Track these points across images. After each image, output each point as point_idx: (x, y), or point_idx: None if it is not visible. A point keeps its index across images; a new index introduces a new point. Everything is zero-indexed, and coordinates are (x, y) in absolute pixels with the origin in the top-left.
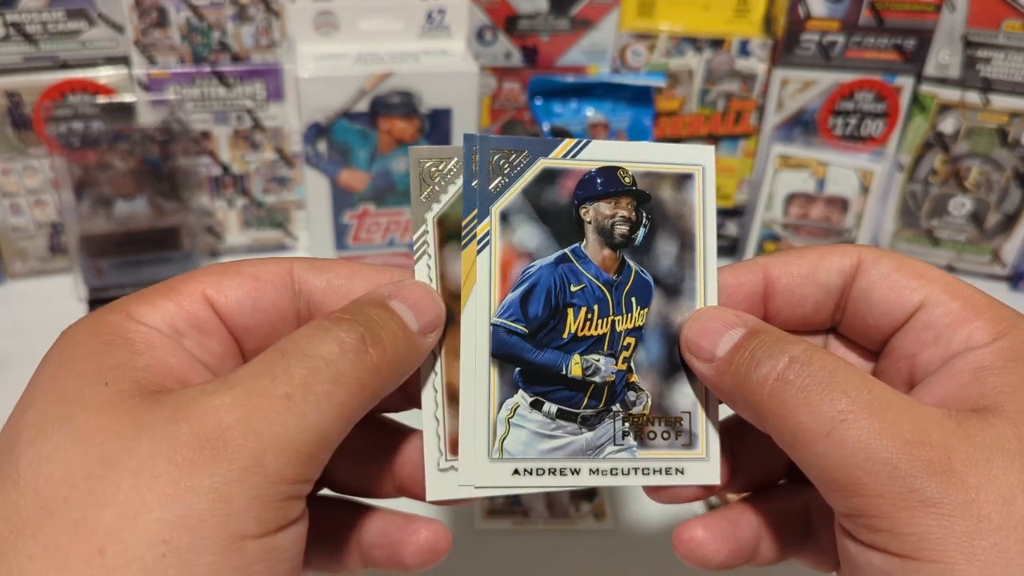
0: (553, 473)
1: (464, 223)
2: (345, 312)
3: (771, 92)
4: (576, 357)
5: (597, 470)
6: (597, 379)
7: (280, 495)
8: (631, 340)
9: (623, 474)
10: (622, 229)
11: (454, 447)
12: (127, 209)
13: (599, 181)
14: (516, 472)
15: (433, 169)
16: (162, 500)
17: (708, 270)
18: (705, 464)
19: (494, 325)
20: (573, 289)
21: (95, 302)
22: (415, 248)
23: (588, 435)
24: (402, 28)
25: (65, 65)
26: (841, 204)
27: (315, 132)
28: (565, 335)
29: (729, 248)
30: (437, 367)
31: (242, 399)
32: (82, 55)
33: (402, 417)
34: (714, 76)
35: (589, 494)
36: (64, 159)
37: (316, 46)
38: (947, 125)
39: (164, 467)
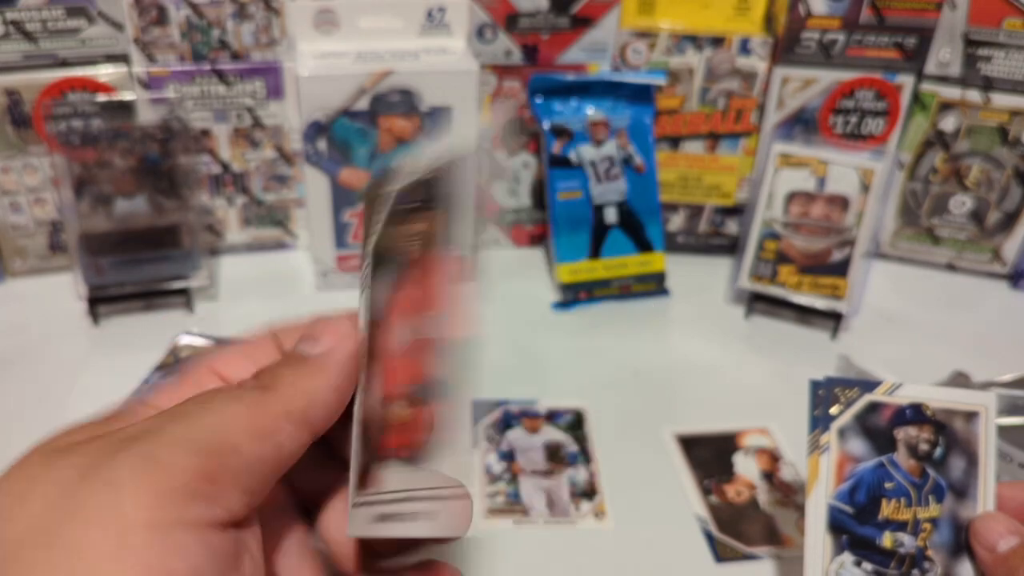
0: None
1: (811, 437)
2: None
3: (772, 90)
4: (888, 533)
5: None
6: (902, 550)
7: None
8: (928, 526)
9: None
10: (925, 447)
11: (362, 481)
12: (127, 207)
13: (909, 412)
14: None
15: (376, 202)
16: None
17: (988, 482)
18: None
19: (830, 505)
20: (887, 486)
21: (95, 300)
22: (360, 283)
23: None
24: (402, 26)
25: (65, 63)
26: (842, 202)
27: (315, 130)
28: (880, 517)
29: (729, 246)
30: (356, 403)
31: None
32: (82, 53)
33: None
34: (715, 74)
35: (589, 493)
36: (64, 157)
37: (316, 44)
38: (948, 123)
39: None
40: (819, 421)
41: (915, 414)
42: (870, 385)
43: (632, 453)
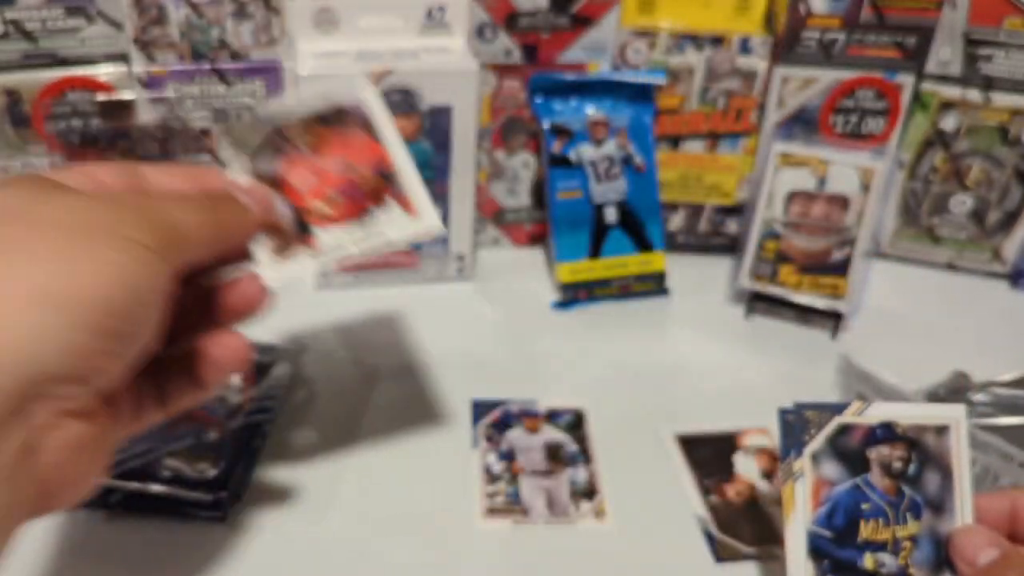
0: None
1: (783, 465)
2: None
3: (772, 90)
4: (868, 555)
5: None
6: (884, 571)
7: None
8: (908, 544)
9: None
10: (898, 465)
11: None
12: None
13: (879, 432)
14: None
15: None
16: None
17: (965, 495)
18: None
19: (809, 531)
20: (864, 507)
21: None
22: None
23: None
24: (402, 25)
25: (64, 62)
26: (842, 202)
27: None
28: (859, 539)
29: (729, 246)
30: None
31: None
32: (81, 52)
33: None
34: (715, 74)
35: (589, 493)
36: (63, 156)
37: (316, 43)
38: (948, 123)
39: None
40: (790, 448)
41: (886, 433)
42: (839, 408)
43: (632, 453)
